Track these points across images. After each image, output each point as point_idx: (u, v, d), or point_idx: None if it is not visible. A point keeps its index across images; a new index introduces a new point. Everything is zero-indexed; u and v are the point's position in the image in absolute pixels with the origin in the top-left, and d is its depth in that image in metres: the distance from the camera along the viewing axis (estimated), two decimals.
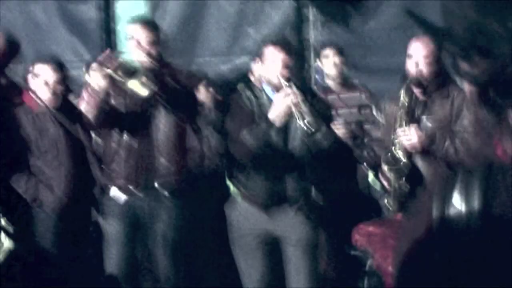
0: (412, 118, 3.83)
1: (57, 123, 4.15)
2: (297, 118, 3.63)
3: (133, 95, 3.90)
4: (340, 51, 4.96)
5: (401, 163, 3.76)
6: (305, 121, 3.58)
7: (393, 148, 3.80)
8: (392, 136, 3.82)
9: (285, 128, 3.79)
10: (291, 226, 3.84)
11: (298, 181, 3.83)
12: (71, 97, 4.33)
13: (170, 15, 6.00)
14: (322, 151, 3.85)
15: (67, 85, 4.33)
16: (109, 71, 3.74)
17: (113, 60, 3.79)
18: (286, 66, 3.77)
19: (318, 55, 5.15)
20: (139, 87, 3.79)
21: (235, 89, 4.18)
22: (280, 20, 5.75)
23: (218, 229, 4.23)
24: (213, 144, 4.66)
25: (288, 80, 3.78)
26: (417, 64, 3.82)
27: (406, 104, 3.80)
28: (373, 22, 5.61)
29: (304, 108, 3.62)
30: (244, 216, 3.88)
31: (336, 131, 4.42)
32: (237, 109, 3.87)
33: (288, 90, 3.65)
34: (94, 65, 3.82)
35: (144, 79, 3.76)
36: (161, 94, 3.89)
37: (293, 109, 3.64)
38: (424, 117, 3.85)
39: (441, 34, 5.44)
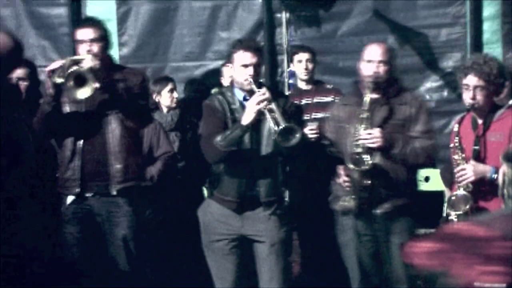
0: (372, 121, 3.88)
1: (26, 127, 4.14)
2: (270, 122, 3.63)
3: (88, 101, 3.86)
4: (313, 55, 4.98)
5: (366, 164, 3.80)
6: (279, 126, 3.58)
7: (356, 149, 3.84)
8: (354, 139, 3.86)
9: (258, 132, 3.80)
10: (265, 230, 3.85)
11: (271, 184, 3.85)
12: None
13: (142, 19, 5.96)
14: (295, 155, 3.86)
15: (38, 90, 4.31)
16: (59, 80, 3.69)
17: (64, 68, 3.72)
18: (256, 69, 3.78)
19: (291, 59, 5.16)
20: (90, 92, 3.72)
21: (208, 93, 4.18)
22: (253, 24, 5.75)
23: (190, 233, 4.23)
24: (176, 150, 4.66)
25: (259, 84, 3.79)
26: (376, 68, 3.88)
27: (368, 107, 3.84)
28: (345, 26, 5.63)
29: (277, 113, 3.63)
30: (218, 220, 3.88)
31: (310, 135, 4.44)
32: (209, 113, 3.87)
33: (261, 95, 3.66)
34: (46, 73, 3.79)
35: (93, 83, 3.69)
36: (106, 93, 3.84)
37: (266, 114, 3.64)
38: (385, 122, 3.90)
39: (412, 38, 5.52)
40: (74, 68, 3.70)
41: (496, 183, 3.67)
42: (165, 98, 4.92)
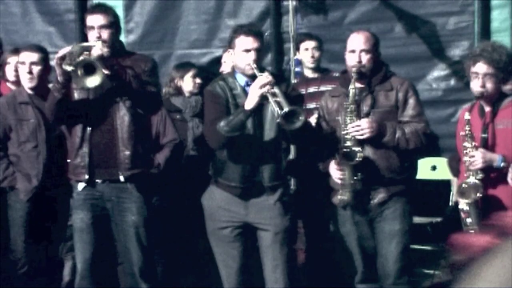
0: (358, 112, 3.87)
1: (38, 113, 4.16)
2: (273, 106, 3.62)
3: (96, 89, 3.85)
4: (320, 44, 4.96)
5: (356, 157, 3.78)
6: (283, 109, 3.57)
7: (346, 142, 3.83)
8: (343, 131, 3.84)
9: (260, 117, 3.79)
10: (269, 218, 3.84)
11: (274, 170, 3.83)
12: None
13: (149, 6, 5.96)
14: (298, 140, 3.86)
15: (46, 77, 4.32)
16: (69, 68, 3.67)
17: (73, 55, 3.69)
18: (257, 54, 3.77)
19: (297, 47, 5.14)
20: (100, 81, 3.68)
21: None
22: (259, 12, 5.73)
23: (194, 220, 4.23)
24: (198, 135, 4.66)
25: (261, 69, 3.78)
26: (359, 58, 3.86)
27: (353, 98, 3.83)
28: (352, 14, 5.61)
29: (280, 96, 3.61)
30: (223, 207, 3.87)
31: (313, 123, 4.43)
32: (211, 99, 3.86)
33: (263, 80, 3.64)
34: (56, 59, 3.77)
35: (102, 71, 3.65)
36: (115, 80, 3.82)
37: (270, 98, 3.63)
38: (372, 110, 3.89)
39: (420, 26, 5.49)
40: (84, 56, 3.67)
41: (504, 172, 3.68)
42: (188, 83, 4.90)
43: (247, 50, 3.75)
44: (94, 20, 3.91)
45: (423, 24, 5.46)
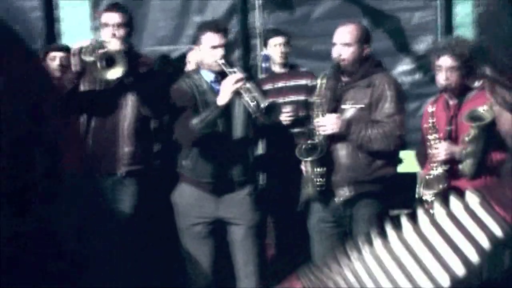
0: (335, 106, 3.86)
1: None
2: (249, 101, 3.64)
3: (104, 83, 3.89)
4: (288, 39, 5.00)
5: (316, 153, 3.79)
6: (259, 104, 3.59)
7: (314, 138, 3.84)
8: (311, 126, 3.87)
9: (229, 113, 3.81)
10: (241, 212, 3.87)
11: (243, 165, 3.87)
12: None
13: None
14: (270, 135, 3.89)
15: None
16: (90, 59, 3.70)
17: (93, 48, 3.74)
18: (224, 50, 3.78)
19: (265, 43, 5.17)
20: (120, 73, 3.75)
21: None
22: (226, 9, 5.74)
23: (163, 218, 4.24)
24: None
25: (230, 64, 3.79)
26: (340, 51, 3.84)
27: (329, 91, 3.84)
28: (318, 10, 5.66)
29: (255, 91, 3.64)
30: (193, 204, 3.89)
31: (285, 118, 4.46)
32: (179, 97, 3.86)
33: (236, 76, 3.66)
34: (74, 49, 3.78)
35: (123, 64, 3.72)
36: (131, 77, 3.88)
37: (243, 94, 3.65)
38: (347, 105, 3.86)
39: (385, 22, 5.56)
40: (104, 49, 3.71)
41: None
42: None
43: (214, 47, 3.76)
44: (110, 18, 3.96)
45: (388, 19, 5.54)
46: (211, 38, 3.78)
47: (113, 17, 3.98)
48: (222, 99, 3.66)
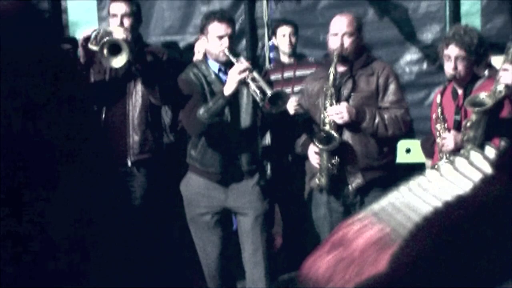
0: (339, 96, 3.88)
1: None
2: (255, 91, 3.64)
3: (112, 72, 3.91)
4: (296, 29, 4.99)
5: (334, 142, 3.80)
6: (265, 93, 3.59)
7: (325, 126, 3.84)
8: (322, 115, 3.86)
9: (236, 103, 3.81)
10: (249, 201, 3.88)
11: (251, 155, 3.87)
12: None
13: None
14: (277, 124, 3.88)
15: None
16: (95, 47, 3.72)
17: (98, 37, 3.76)
18: (231, 40, 3.79)
19: (272, 33, 5.17)
20: (125, 61, 3.76)
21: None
22: None
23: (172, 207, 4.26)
24: (167, 122, 4.67)
25: (236, 54, 3.80)
26: (341, 41, 3.86)
27: (333, 82, 3.84)
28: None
29: (261, 81, 3.64)
30: (202, 194, 3.90)
31: (292, 108, 4.46)
32: (187, 87, 3.87)
33: (242, 65, 3.66)
34: (81, 40, 3.82)
35: (127, 52, 3.73)
36: (138, 66, 3.90)
37: (250, 83, 3.65)
38: (352, 94, 3.89)
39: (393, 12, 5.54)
40: (109, 37, 3.73)
41: None
42: None
43: (221, 37, 3.77)
44: (117, 8, 4.02)
45: (395, 8, 5.51)
46: (217, 28, 3.78)
47: (121, 7, 4.01)
48: (228, 89, 3.67)
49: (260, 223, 3.90)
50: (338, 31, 3.88)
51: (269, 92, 3.58)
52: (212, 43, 3.81)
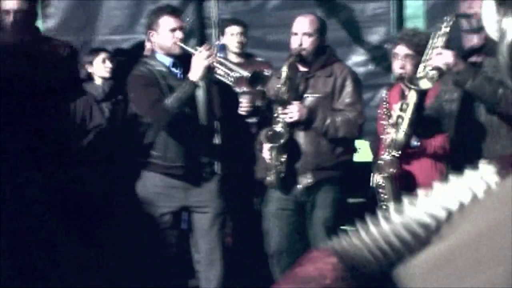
0: (295, 95, 3.92)
1: None
2: (223, 74, 3.64)
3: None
4: (245, 29, 5.01)
5: (280, 139, 3.84)
6: (239, 74, 3.60)
7: (276, 124, 3.89)
8: (274, 114, 3.91)
9: (193, 99, 3.80)
10: (208, 200, 3.85)
11: (210, 152, 3.87)
12: None
13: None
14: (232, 122, 3.89)
15: None
16: None
17: None
18: (183, 32, 3.81)
19: (222, 32, 5.17)
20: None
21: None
22: None
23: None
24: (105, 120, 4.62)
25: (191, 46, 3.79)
26: (300, 41, 3.91)
27: (289, 80, 3.88)
28: (274, 0, 5.68)
29: (229, 63, 3.64)
30: (161, 193, 3.84)
31: (242, 108, 4.48)
32: (144, 82, 3.84)
33: (206, 51, 3.65)
34: None
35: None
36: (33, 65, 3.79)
37: (218, 67, 3.64)
38: (307, 94, 3.94)
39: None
40: None
41: (419, 150, 3.84)
42: (98, 68, 4.85)
43: (173, 29, 3.76)
44: (8, 3, 3.83)
45: (342, 10, 5.59)
46: (169, 21, 3.77)
47: (10, 3, 3.80)
48: (195, 75, 3.65)
49: (218, 221, 3.90)
50: (298, 31, 3.93)
51: (245, 73, 3.58)
52: (164, 36, 3.79)
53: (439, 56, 3.45)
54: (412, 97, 3.54)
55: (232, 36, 4.95)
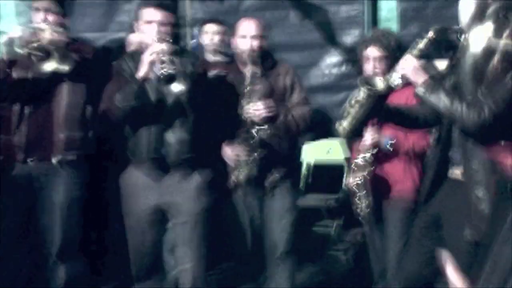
0: (254, 95, 3.96)
1: None
2: (159, 71, 3.58)
3: (36, 69, 3.80)
4: (223, 28, 5.01)
5: (254, 138, 3.91)
6: (167, 71, 3.54)
7: (245, 124, 3.93)
8: (242, 114, 3.95)
9: (163, 91, 3.74)
10: (183, 198, 3.80)
11: (179, 144, 3.77)
12: None
13: None
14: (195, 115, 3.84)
15: None
16: (22, 51, 3.66)
17: (24, 38, 3.68)
18: (161, 27, 3.71)
19: (199, 31, 5.16)
20: (56, 65, 3.70)
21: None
22: None
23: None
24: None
25: (163, 39, 3.68)
26: (250, 43, 4.00)
27: (250, 80, 3.95)
28: (248, 1, 5.71)
29: (169, 63, 3.55)
30: (137, 191, 3.80)
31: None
32: (115, 73, 3.81)
33: (155, 47, 3.59)
34: (5, 41, 3.69)
35: (60, 56, 3.68)
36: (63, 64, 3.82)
37: (158, 65, 3.58)
38: (264, 94, 3.99)
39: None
40: (37, 40, 3.66)
41: (390, 152, 3.88)
42: None
43: (149, 22, 3.71)
44: (41, 2, 3.88)
45: (316, 11, 5.64)
46: (147, 13, 3.73)
47: (43, 2, 3.89)
48: (140, 71, 3.62)
49: (194, 218, 3.80)
50: (247, 34, 3.98)
51: (166, 72, 3.52)
52: (143, 29, 3.76)
53: (403, 62, 3.45)
54: (362, 96, 3.51)
55: (207, 35, 4.95)
